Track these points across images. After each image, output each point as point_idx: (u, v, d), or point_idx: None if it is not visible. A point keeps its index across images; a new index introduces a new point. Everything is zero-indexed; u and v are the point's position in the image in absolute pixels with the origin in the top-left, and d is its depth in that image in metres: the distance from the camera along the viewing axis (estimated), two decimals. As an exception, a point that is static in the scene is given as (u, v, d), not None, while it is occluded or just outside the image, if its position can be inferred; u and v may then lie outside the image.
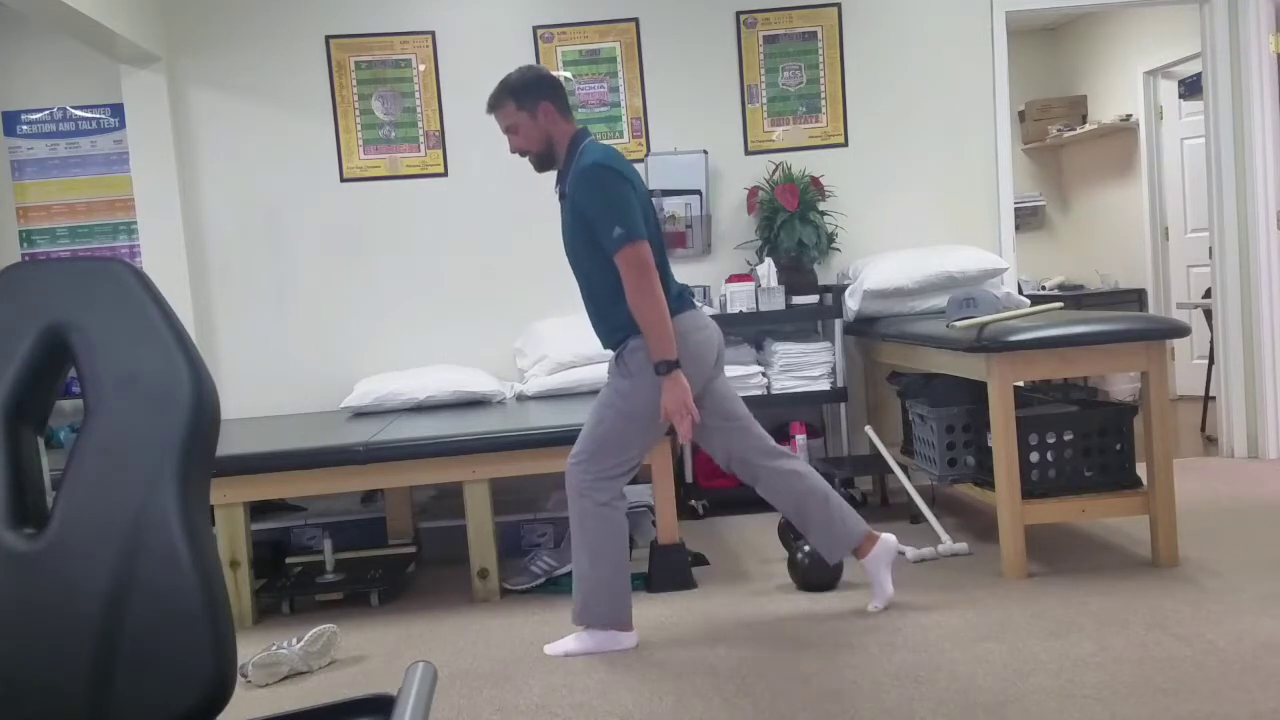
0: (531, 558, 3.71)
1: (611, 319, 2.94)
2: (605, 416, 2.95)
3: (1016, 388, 3.49)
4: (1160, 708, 2.33)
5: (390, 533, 4.29)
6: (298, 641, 3.00)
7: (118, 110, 4.91)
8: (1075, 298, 6.66)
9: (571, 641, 2.99)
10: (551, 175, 3.05)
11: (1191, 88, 6.39)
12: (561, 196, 2.97)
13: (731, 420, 3.09)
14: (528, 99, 2.91)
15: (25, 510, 1.12)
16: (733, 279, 4.58)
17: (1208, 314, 5.27)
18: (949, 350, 3.58)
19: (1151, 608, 2.98)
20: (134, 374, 1.11)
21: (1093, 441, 3.44)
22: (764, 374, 4.50)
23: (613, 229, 2.79)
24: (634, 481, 4.56)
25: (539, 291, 4.78)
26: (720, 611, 3.25)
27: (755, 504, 4.47)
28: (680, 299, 2.98)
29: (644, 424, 2.93)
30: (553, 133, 2.94)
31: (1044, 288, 7.17)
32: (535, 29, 4.77)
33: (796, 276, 4.60)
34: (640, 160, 4.76)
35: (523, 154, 2.99)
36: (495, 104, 2.96)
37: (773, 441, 3.14)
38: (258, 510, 4.35)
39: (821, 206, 4.69)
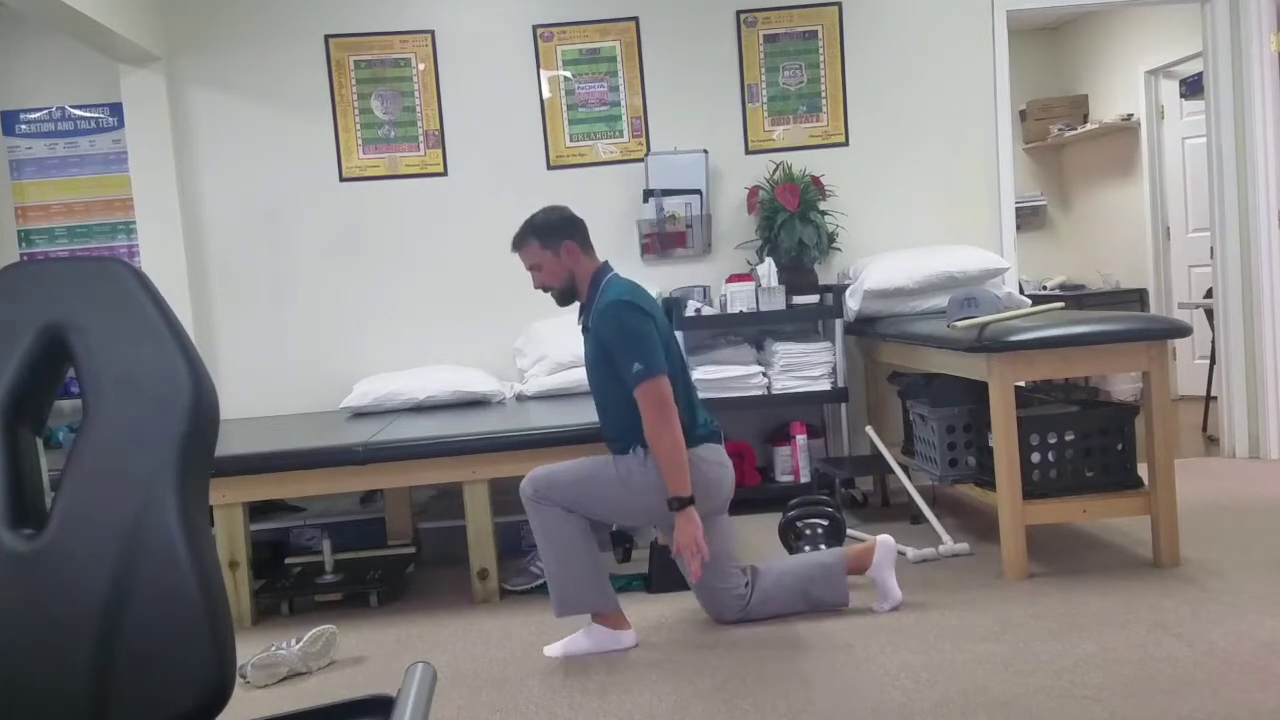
0: (531, 558, 3.70)
1: (621, 431, 2.99)
2: (604, 476, 2.98)
3: (1017, 388, 3.48)
4: (1161, 708, 2.32)
5: (390, 533, 4.28)
6: (297, 642, 3.00)
7: (116, 110, 4.90)
8: (1076, 297, 6.66)
9: (572, 641, 2.99)
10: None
11: (1193, 87, 6.39)
12: (585, 330, 3.06)
13: (719, 562, 3.05)
14: (551, 239, 3.02)
15: (24, 510, 1.11)
16: (733, 279, 4.57)
17: (1209, 314, 5.27)
18: (950, 350, 3.58)
19: (1152, 608, 2.97)
20: (133, 374, 1.10)
21: (1094, 442, 3.43)
22: (764, 374, 4.49)
23: (633, 364, 2.86)
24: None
25: (539, 291, 4.76)
26: (721, 612, 3.24)
27: (755, 504, 4.48)
28: (707, 429, 3.04)
29: (627, 508, 3.00)
30: (575, 270, 3.04)
31: (1045, 287, 7.17)
32: (535, 28, 4.77)
33: (797, 276, 4.59)
34: (640, 160, 4.76)
35: (546, 289, 3.09)
36: (520, 243, 3.07)
37: (741, 580, 3.10)
38: (257, 511, 4.35)
39: (822, 206, 4.68)
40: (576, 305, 3.15)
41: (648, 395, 2.85)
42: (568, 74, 4.79)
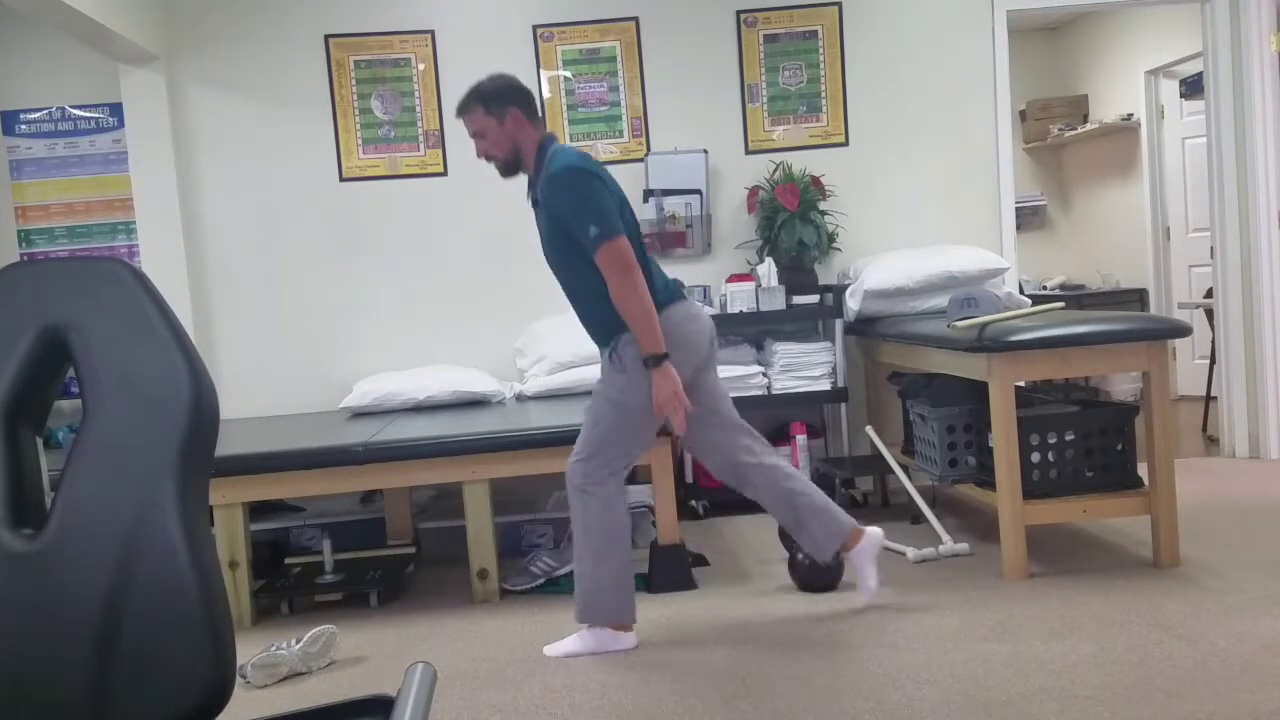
0: (531, 558, 3.70)
1: (601, 317, 2.94)
2: (602, 414, 2.96)
3: (1017, 388, 3.48)
4: (1161, 708, 2.32)
5: (389, 533, 4.28)
6: (297, 642, 3.00)
7: (116, 109, 4.90)
8: (1076, 297, 6.66)
9: (572, 642, 2.99)
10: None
11: (1193, 87, 6.39)
12: (535, 204, 3.00)
13: (717, 416, 3.09)
14: (496, 105, 2.95)
15: (24, 511, 1.11)
16: (733, 279, 4.57)
17: (1209, 314, 5.27)
18: (950, 350, 3.58)
19: (1152, 608, 2.97)
20: (133, 374, 1.10)
21: (1094, 442, 3.43)
22: (764, 374, 4.49)
23: (589, 228, 2.80)
24: (634, 482, 4.58)
25: (539, 291, 4.77)
26: (720, 612, 3.24)
27: (755, 505, 4.47)
28: (669, 290, 2.99)
29: (640, 417, 2.94)
30: (519, 139, 2.97)
31: (1045, 287, 7.17)
32: (535, 28, 4.77)
33: (797, 276, 4.59)
34: (640, 160, 4.76)
35: (489, 159, 3.03)
36: (464, 109, 3.00)
37: (758, 441, 3.13)
38: (257, 510, 4.35)
39: (822, 206, 4.68)
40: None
41: (608, 257, 2.79)
42: (568, 74, 4.79)
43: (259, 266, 4.76)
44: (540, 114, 3.04)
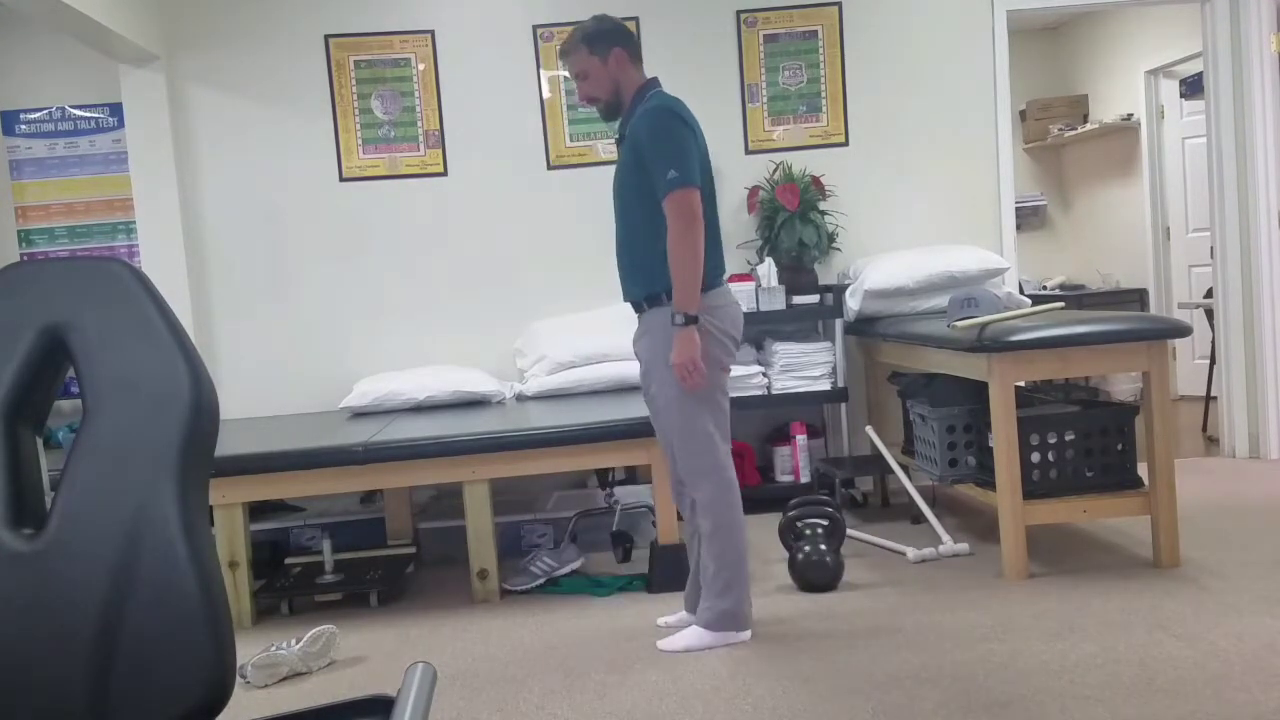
0: (531, 558, 3.70)
1: (645, 268, 2.87)
2: (672, 409, 2.89)
3: (1017, 388, 3.48)
4: (1162, 708, 2.32)
5: (389, 533, 4.28)
6: (297, 642, 3.00)
7: (116, 109, 4.90)
8: (1076, 297, 6.66)
9: (690, 636, 2.94)
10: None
11: (1193, 87, 6.39)
12: (620, 140, 2.95)
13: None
14: (600, 45, 2.92)
15: (24, 510, 1.11)
16: (733, 279, 4.57)
17: (1209, 314, 5.27)
18: (950, 350, 3.58)
19: (1153, 608, 2.97)
20: (133, 374, 1.10)
21: (1094, 442, 3.43)
22: (764, 374, 4.49)
23: (667, 171, 2.75)
24: (634, 482, 4.58)
25: (539, 291, 4.77)
26: (721, 612, 3.24)
27: (755, 504, 4.48)
28: (723, 271, 2.95)
29: (715, 398, 2.90)
30: (621, 80, 2.94)
31: (1045, 287, 7.17)
32: (535, 28, 4.76)
33: (797, 276, 4.59)
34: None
35: (591, 101, 2.98)
36: (568, 50, 2.97)
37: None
38: (257, 511, 4.35)
39: (822, 206, 4.68)
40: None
41: (678, 203, 2.73)
42: (568, 74, 4.79)
43: (259, 267, 4.76)
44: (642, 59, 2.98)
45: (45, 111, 4.96)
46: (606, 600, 3.48)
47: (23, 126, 4.96)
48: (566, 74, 4.78)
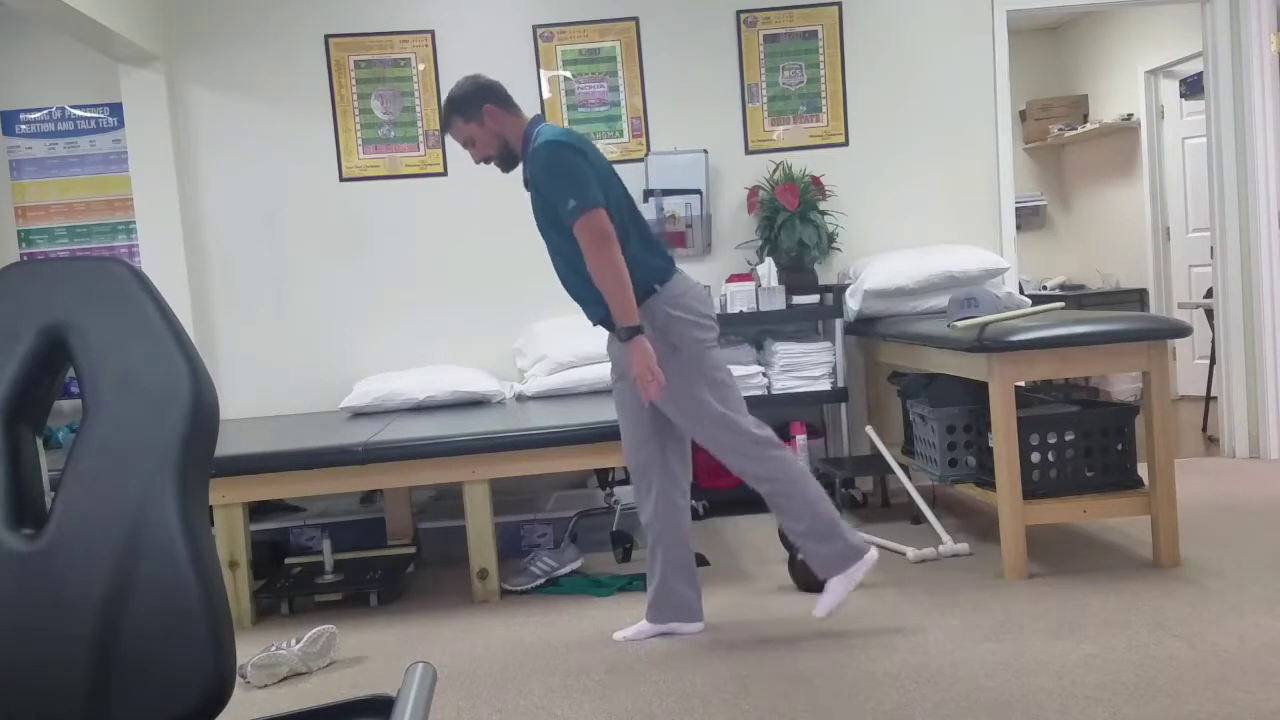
0: (531, 558, 3.70)
1: (595, 293, 2.91)
2: (678, 404, 2.91)
3: (1017, 388, 3.48)
4: (1162, 708, 2.32)
5: (389, 533, 4.28)
6: (297, 642, 3.00)
7: (116, 110, 4.90)
8: (1076, 297, 6.66)
9: (832, 592, 2.95)
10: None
11: (1193, 87, 6.39)
12: (527, 185, 3.00)
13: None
14: (471, 109, 2.98)
15: (24, 510, 1.11)
16: (733, 279, 4.57)
17: (1209, 314, 5.27)
18: (950, 350, 3.58)
19: (1153, 608, 2.97)
20: (132, 374, 1.10)
21: (1094, 442, 3.43)
22: (764, 374, 4.49)
23: (567, 201, 2.80)
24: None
25: (539, 291, 4.77)
26: (720, 611, 3.24)
27: (755, 504, 4.48)
28: (665, 269, 2.96)
29: (719, 377, 2.94)
30: (504, 131, 2.99)
31: (1045, 287, 7.17)
32: (535, 28, 4.77)
33: (797, 276, 4.59)
34: (640, 160, 4.76)
35: (486, 160, 3.05)
36: (445, 125, 3.05)
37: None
38: (257, 511, 4.35)
39: (822, 206, 4.68)
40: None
41: (585, 229, 2.78)
42: (568, 74, 4.79)
43: (259, 266, 4.76)
44: (514, 101, 3.02)
45: (45, 111, 4.96)
46: (606, 600, 3.48)
47: (23, 126, 4.96)
48: (566, 74, 4.78)
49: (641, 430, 3.02)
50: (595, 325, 3.03)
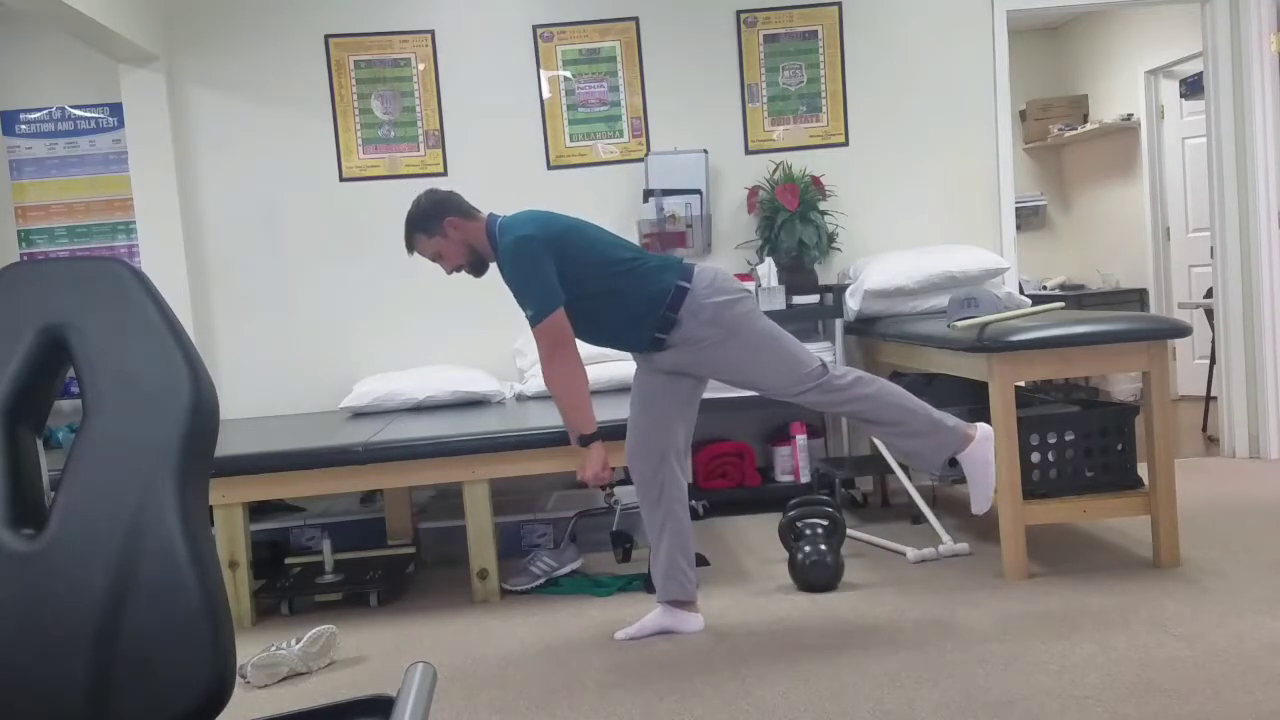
0: (531, 558, 3.70)
1: (626, 331, 2.97)
2: (755, 361, 2.93)
3: (1017, 388, 3.48)
4: (1162, 708, 2.32)
5: (389, 533, 4.28)
6: (297, 642, 3.00)
7: (116, 110, 4.90)
8: (1076, 297, 6.66)
9: (976, 478, 3.02)
10: None
11: (1193, 87, 6.39)
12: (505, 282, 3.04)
13: (689, 409, 3.11)
14: (433, 224, 3.04)
15: (24, 510, 1.11)
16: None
17: (1209, 314, 5.27)
18: (950, 350, 3.58)
19: (1153, 608, 2.97)
20: (132, 374, 1.10)
21: (1094, 442, 3.43)
22: (764, 374, 4.48)
23: (527, 309, 2.91)
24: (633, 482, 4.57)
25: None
26: (720, 611, 3.24)
27: (755, 504, 4.49)
28: (681, 268, 2.97)
29: (772, 332, 2.95)
30: (469, 239, 3.06)
31: (1045, 287, 7.17)
32: (535, 28, 4.77)
33: (797, 276, 4.59)
34: (640, 160, 4.76)
35: (458, 270, 3.10)
36: (410, 244, 3.11)
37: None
38: (257, 511, 4.35)
39: (822, 206, 4.68)
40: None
41: (543, 334, 2.89)
42: (568, 74, 4.79)
43: (259, 266, 4.76)
44: (470, 206, 3.14)
45: (45, 111, 4.96)
46: (606, 600, 3.48)
47: (23, 126, 4.96)
48: (566, 74, 4.78)
49: (664, 415, 3.04)
50: (648, 350, 3.00)
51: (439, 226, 3.03)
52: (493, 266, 3.12)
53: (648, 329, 2.94)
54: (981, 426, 3.03)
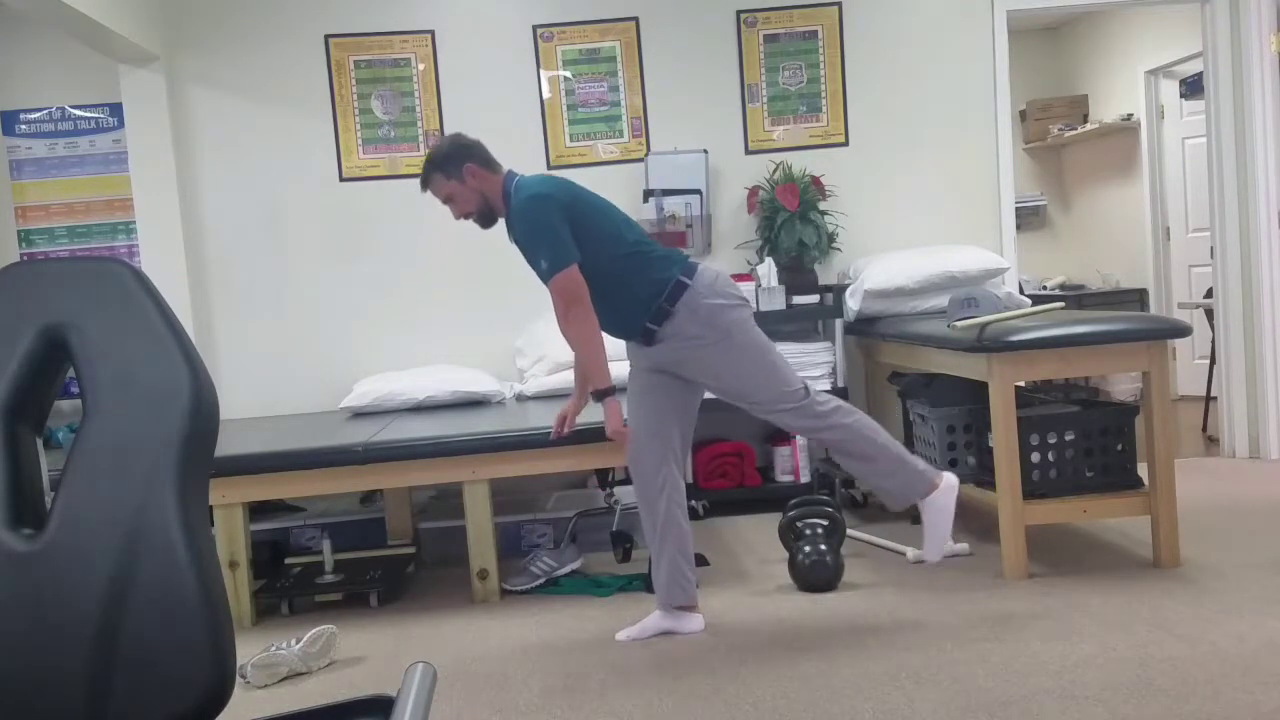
0: (531, 558, 3.70)
1: (625, 314, 2.97)
2: (743, 371, 2.96)
3: (1017, 388, 3.48)
4: (1162, 708, 2.32)
5: (390, 533, 4.28)
6: (297, 642, 3.00)
7: (116, 110, 4.90)
8: (1076, 297, 6.66)
9: (932, 521, 3.06)
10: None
11: (1193, 87, 6.39)
12: (516, 243, 3.06)
13: (687, 418, 3.13)
14: (452, 167, 3.04)
15: (24, 510, 1.11)
16: (733, 279, 4.56)
17: (1209, 314, 5.27)
18: (950, 350, 3.58)
19: (1153, 608, 2.97)
20: (132, 374, 1.10)
21: (1094, 442, 3.43)
22: (764, 374, 4.48)
23: (540, 262, 2.90)
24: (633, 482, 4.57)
25: (539, 291, 4.74)
26: (720, 611, 3.24)
27: (755, 504, 4.48)
28: (685, 264, 3.00)
29: (761, 345, 2.99)
30: (484, 189, 3.06)
31: (1045, 287, 7.17)
32: (535, 28, 4.77)
33: (797, 276, 4.59)
34: (640, 160, 4.76)
35: (466, 216, 3.10)
36: (426, 182, 3.10)
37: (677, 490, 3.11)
38: (257, 511, 4.35)
39: (822, 206, 4.68)
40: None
41: (558, 289, 2.88)
42: (568, 74, 4.79)
43: (259, 266, 4.76)
44: (494, 159, 3.14)
45: (45, 111, 4.96)
46: (606, 600, 3.48)
47: (23, 126, 4.96)
48: (566, 74, 4.78)
49: (662, 418, 3.05)
50: (637, 339, 3.02)
51: (459, 170, 3.03)
52: (500, 231, 3.11)
53: (641, 316, 2.95)
54: (947, 476, 3.08)
